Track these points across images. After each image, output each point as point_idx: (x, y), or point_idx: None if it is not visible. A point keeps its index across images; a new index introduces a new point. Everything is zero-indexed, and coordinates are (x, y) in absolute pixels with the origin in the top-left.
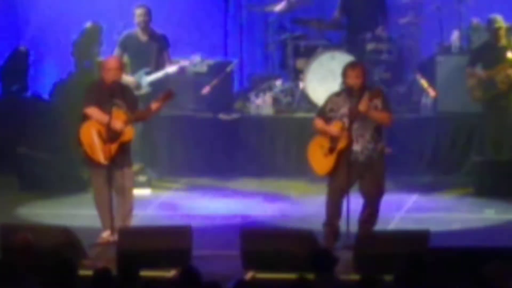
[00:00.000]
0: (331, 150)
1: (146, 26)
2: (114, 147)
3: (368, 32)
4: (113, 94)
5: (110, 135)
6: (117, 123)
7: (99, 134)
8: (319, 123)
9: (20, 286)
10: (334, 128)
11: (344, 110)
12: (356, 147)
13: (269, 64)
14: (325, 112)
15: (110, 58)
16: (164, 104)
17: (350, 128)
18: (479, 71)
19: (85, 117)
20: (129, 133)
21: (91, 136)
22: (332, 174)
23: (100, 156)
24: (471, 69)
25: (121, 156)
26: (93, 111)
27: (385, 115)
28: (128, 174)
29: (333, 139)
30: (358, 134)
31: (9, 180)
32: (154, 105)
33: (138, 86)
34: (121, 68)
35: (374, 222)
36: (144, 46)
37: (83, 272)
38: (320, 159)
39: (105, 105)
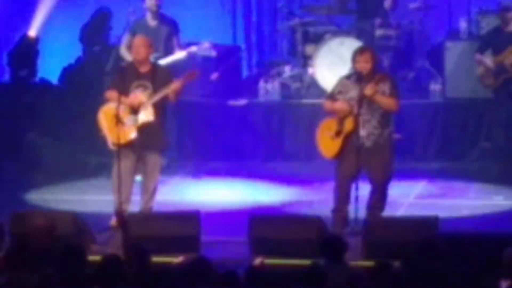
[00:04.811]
0: (338, 133)
1: (157, 11)
2: (133, 129)
3: (377, 18)
4: (138, 75)
5: (129, 117)
6: (133, 103)
7: (118, 117)
8: (327, 103)
9: (29, 273)
10: (339, 104)
11: (352, 93)
12: (362, 132)
13: (278, 50)
14: (334, 94)
15: (136, 37)
16: (185, 83)
17: (357, 112)
18: (487, 58)
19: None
20: (147, 115)
21: (108, 119)
22: (338, 158)
23: (116, 138)
24: (479, 56)
25: (145, 138)
26: (110, 94)
27: (392, 101)
28: (151, 158)
29: (341, 122)
30: (365, 119)
31: (18, 166)
32: (174, 84)
33: None
34: (147, 46)
35: (382, 208)
36: (153, 31)
37: (91, 258)
38: (327, 142)
39: (128, 87)
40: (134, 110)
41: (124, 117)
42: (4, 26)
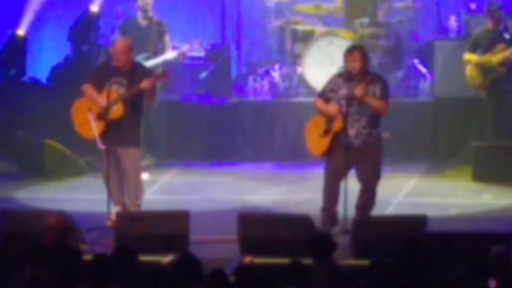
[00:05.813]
0: (326, 131)
1: (148, 10)
2: (102, 125)
3: (366, 17)
4: (116, 72)
5: (101, 113)
6: (102, 101)
7: (91, 112)
8: (318, 102)
9: (19, 273)
10: (331, 107)
11: (343, 92)
12: (351, 131)
13: (267, 49)
14: (325, 92)
15: (117, 41)
16: (155, 83)
17: (346, 111)
18: (476, 58)
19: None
20: (117, 111)
21: (82, 114)
22: (326, 156)
23: (89, 134)
24: (468, 56)
25: (117, 135)
26: (86, 88)
27: (381, 103)
28: (127, 153)
29: (330, 121)
30: (354, 119)
31: (7, 165)
32: (143, 83)
33: None
34: (127, 52)
35: (371, 207)
36: (144, 31)
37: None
38: (315, 139)
39: (105, 83)
40: (106, 107)
41: (95, 113)
42: None
